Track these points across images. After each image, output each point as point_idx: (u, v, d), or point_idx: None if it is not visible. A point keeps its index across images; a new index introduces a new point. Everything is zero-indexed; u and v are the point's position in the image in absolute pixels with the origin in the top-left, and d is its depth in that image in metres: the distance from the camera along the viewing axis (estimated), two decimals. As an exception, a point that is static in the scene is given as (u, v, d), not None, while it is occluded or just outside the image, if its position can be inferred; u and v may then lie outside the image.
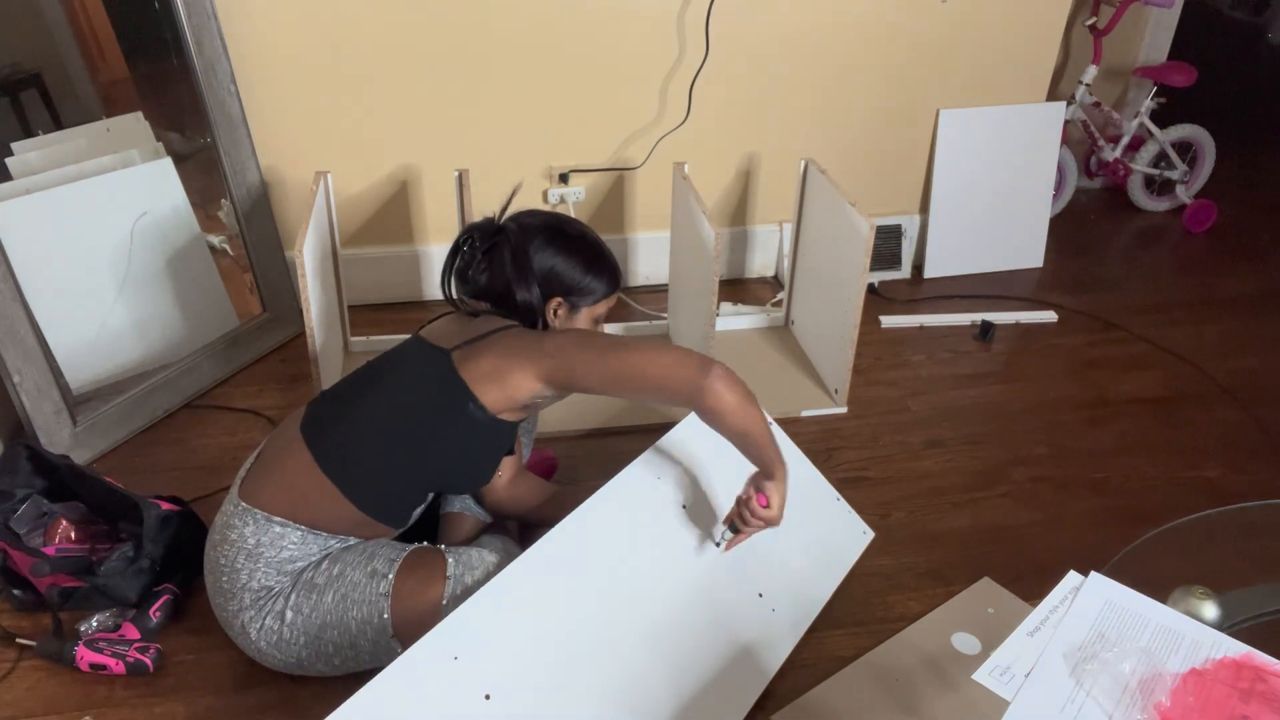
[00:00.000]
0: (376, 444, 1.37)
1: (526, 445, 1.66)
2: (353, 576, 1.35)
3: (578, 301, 1.50)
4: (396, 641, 1.33)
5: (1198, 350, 2.37)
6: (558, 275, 1.47)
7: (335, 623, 1.33)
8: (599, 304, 1.52)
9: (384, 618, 1.33)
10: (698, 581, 1.46)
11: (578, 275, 1.48)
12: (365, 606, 1.33)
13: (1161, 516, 1.34)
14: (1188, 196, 3.04)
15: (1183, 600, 1.04)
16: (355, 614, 1.33)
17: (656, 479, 1.53)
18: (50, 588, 1.50)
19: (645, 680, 1.33)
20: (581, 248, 1.49)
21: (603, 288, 1.51)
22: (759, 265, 2.67)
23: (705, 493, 1.56)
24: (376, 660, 1.35)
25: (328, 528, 1.36)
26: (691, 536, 1.50)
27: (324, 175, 2.07)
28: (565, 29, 2.21)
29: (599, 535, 1.41)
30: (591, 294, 1.50)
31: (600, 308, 1.53)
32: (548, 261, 1.46)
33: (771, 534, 1.51)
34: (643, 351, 1.34)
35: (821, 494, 1.73)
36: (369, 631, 1.33)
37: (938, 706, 1.41)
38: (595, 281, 1.50)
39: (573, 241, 1.49)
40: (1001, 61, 2.48)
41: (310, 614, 1.33)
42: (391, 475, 1.38)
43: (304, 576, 1.35)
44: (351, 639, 1.34)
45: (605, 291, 1.52)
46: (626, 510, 1.46)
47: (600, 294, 1.51)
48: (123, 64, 2.04)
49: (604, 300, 1.53)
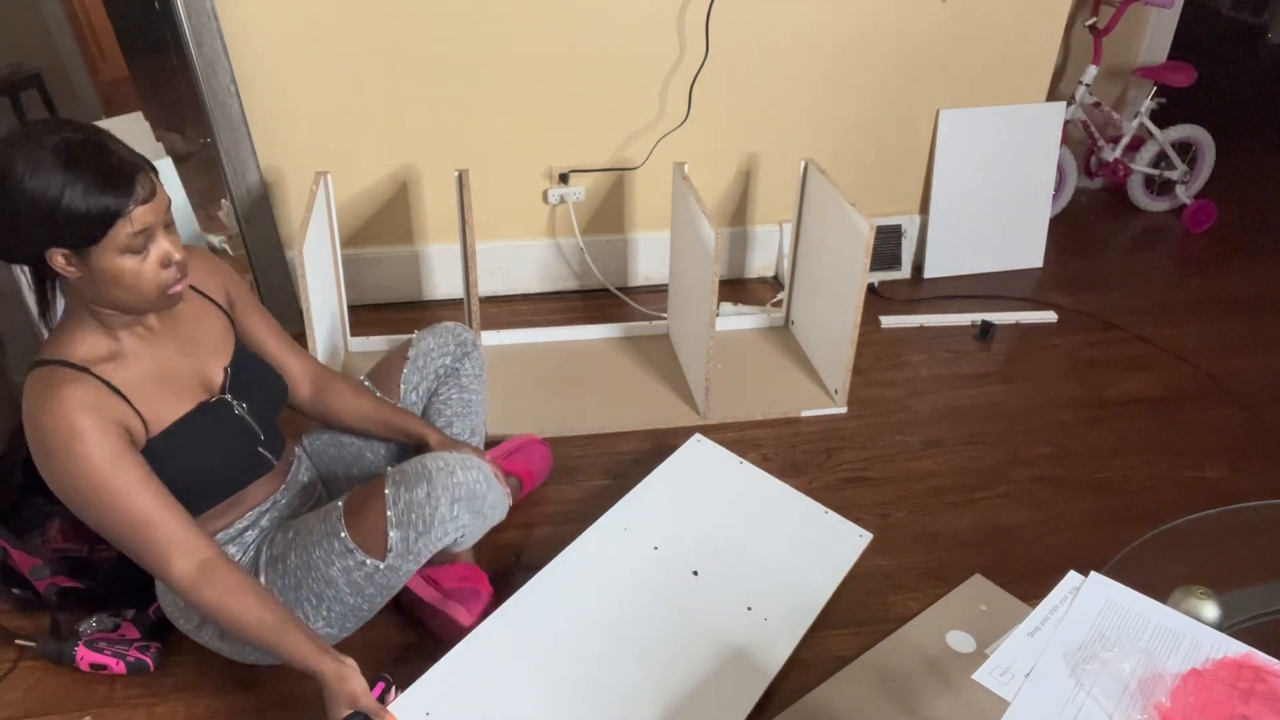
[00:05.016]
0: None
1: (468, 429, 1.65)
2: (306, 526, 1.38)
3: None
4: (362, 552, 1.34)
5: (1198, 350, 2.37)
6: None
7: (305, 571, 1.34)
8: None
9: (342, 536, 1.34)
10: (677, 605, 1.53)
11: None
12: (325, 541, 1.35)
13: (1161, 516, 1.33)
14: (1188, 196, 3.04)
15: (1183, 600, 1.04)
16: (318, 553, 1.34)
17: (624, 530, 1.65)
18: (49, 588, 1.50)
19: (635, 698, 1.38)
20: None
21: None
22: (759, 265, 2.67)
23: (673, 534, 1.66)
24: (359, 593, 1.36)
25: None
26: (665, 571, 1.58)
27: (324, 175, 2.07)
28: (565, 29, 2.21)
29: (577, 580, 1.54)
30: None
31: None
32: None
33: (758, 550, 1.63)
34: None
35: (806, 511, 1.76)
36: (335, 561, 1.34)
37: (938, 706, 1.41)
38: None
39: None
40: (1001, 61, 2.48)
41: (283, 583, 1.35)
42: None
43: (263, 557, 1.37)
44: (325, 576, 1.34)
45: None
46: (601, 556, 1.59)
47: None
48: (123, 64, 2.04)
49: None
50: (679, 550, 1.63)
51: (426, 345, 1.65)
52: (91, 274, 1.15)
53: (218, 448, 1.33)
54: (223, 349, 1.39)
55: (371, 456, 1.60)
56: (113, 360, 1.23)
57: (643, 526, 1.66)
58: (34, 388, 1.18)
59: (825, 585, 1.60)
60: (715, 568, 1.60)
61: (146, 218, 1.13)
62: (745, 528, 1.69)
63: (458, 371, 1.66)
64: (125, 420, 1.21)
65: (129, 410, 1.22)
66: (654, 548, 1.62)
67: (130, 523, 1.18)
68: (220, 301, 1.41)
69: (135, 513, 1.18)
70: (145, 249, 1.15)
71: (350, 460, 1.60)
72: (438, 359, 1.64)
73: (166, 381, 1.28)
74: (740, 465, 1.83)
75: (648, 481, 1.75)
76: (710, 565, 1.60)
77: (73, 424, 1.15)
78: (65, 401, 1.15)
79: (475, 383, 1.68)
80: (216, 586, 1.20)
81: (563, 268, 2.55)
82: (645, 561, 1.60)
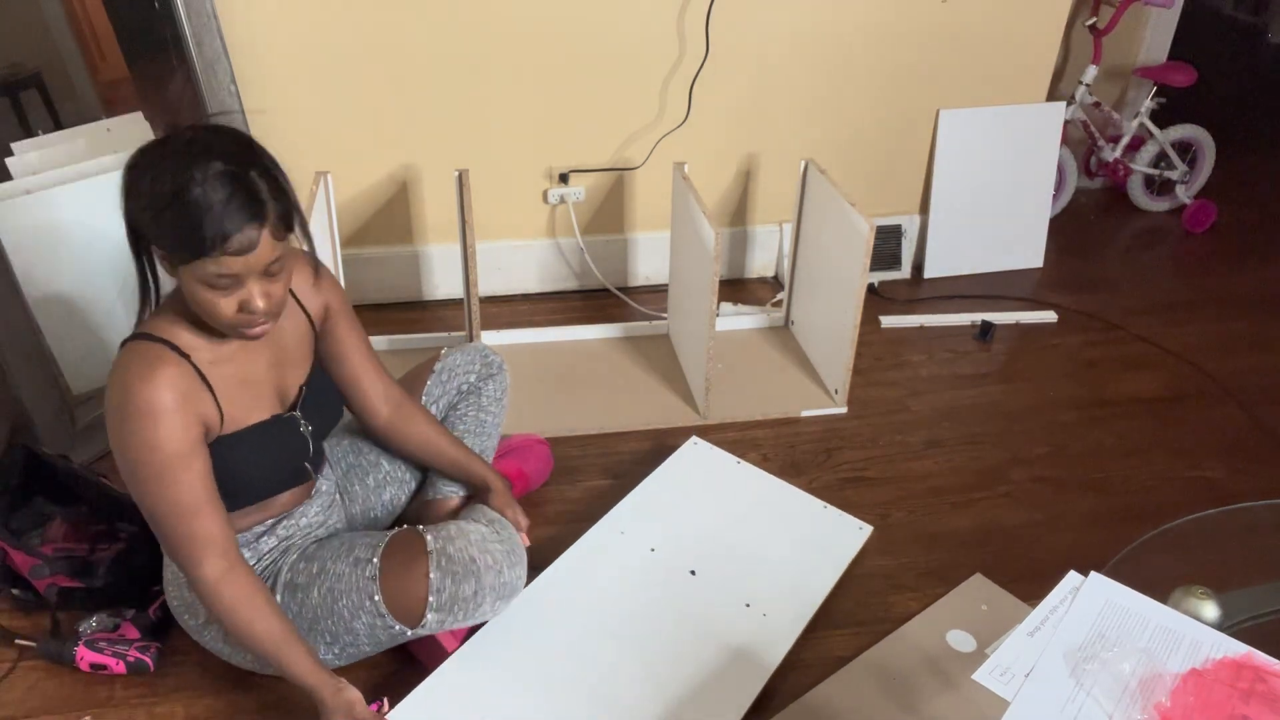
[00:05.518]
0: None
1: (481, 442, 1.66)
2: (335, 569, 1.35)
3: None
4: (393, 618, 1.33)
5: (1198, 350, 2.37)
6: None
7: (326, 614, 1.34)
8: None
9: (375, 599, 1.33)
10: (675, 605, 1.54)
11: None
12: (354, 594, 1.33)
13: (1161, 516, 1.33)
14: (1188, 196, 3.04)
15: (1183, 600, 1.04)
16: (345, 603, 1.33)
17: (620, 534, 1.66)
18: (49, 587, 1.50)
19: (635, 698, 1.38)
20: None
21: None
22: (759, 265, 2.67)
23: (669, 535, 1.66)
24: (377, 644, 1.36)
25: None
26: (663, 572, 1.59)
27: (324, 175, 2.07)
28: (565, 29, 2.21)
29: (573, 585, 1.55)
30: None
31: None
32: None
33: (756, 548, 1.63)
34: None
35: (805, 507, 1.76)
36: (363, 616, 1.33)
37: (938, 705, 1.41)
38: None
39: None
40: (1001, 61, 2.48)
41: (299, 611, 1.34)
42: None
43: (282, 579, 1.36)
44: (347, 625, 1.34)
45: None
46: (597, 561, 1.60)
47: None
48: (123, 64, 2.04)
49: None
50: (676, 551, 1.63)
51: (453, 361, 1.65)
52: (180, 281, 1.17)
53: (274, 459, 1.35)
54: (303, 364, 1.40)
55: (388, 467, 1.60)
56: (210, 353, 1.25)
57: (639, 530, 1.66)
58: (132, 357, 1.19)
59: (826, 579, 1.60)
60: (713, 566, 1.60)
61: (233, 266, 1.12)
62: (743, 526, 1.69)
63: (479, 390, 1.66)
64: (207, 414, 1.23)
65: (213, 405, 1.24)
66: (650, 549, 1.63)
67: (179, 512, 1.20)
68: (314, 314, 1.41)
69: (186, 504, 1.20)
70: (228, 289, 1.15)
71: (366, 468, 1.59)
72: (461, 376, 1.65)
73: (250, 386, 1.30)
74: (738, 465, 1.83)
75: (644, 485, 1.75)
76: (708, 564, 1.61)
77: (162, 403, 1.17)
78: (160, 380, 1.17)
79: (494, 405, 1.68)
80: (236, 590, 1.22)
81: (563, 268, 2.55)
82: (642, 563, 1.60)
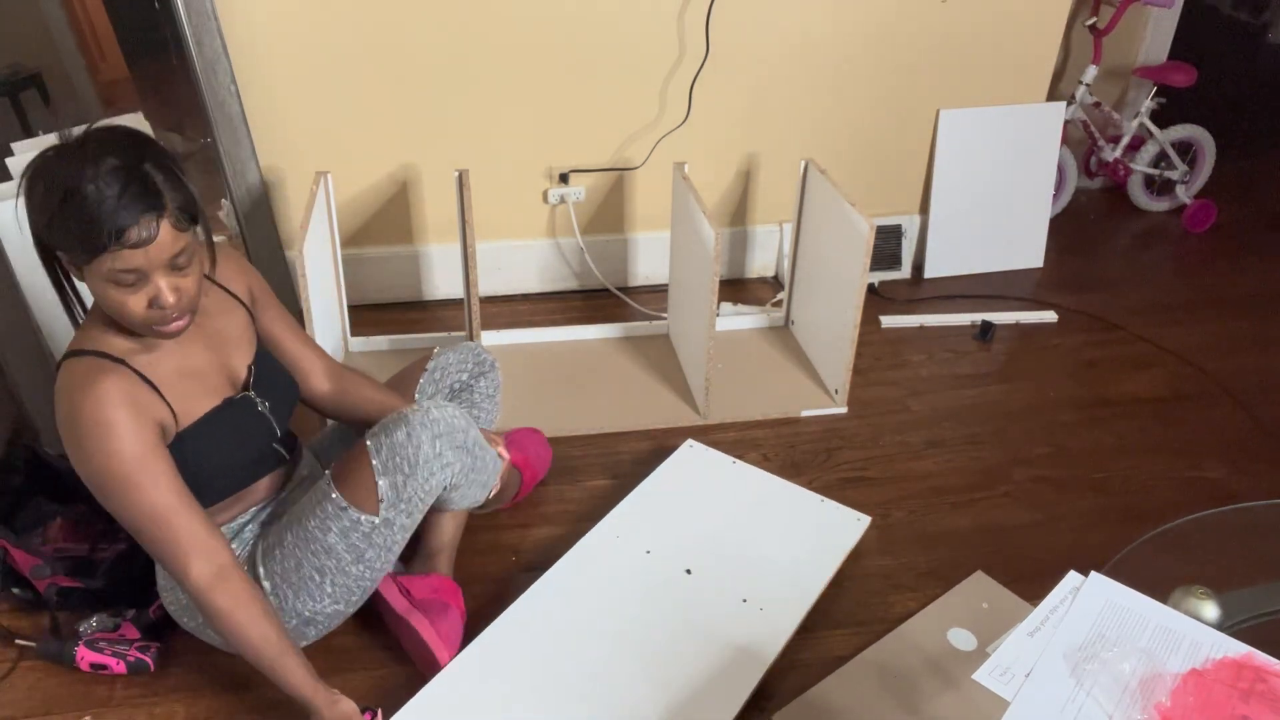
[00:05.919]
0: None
1: (486, 416, 1.69)
2: (297, 508, 1.38)
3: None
4: (355, 509, 1.33)
5: (1198, 350, 2.37)
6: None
7: (303, 547, 1.34)
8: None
9: (334, 496, 1.34)
10: (672, 603, 1.54)
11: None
12: (317, 509, 1.35)
13: (1161, 516, 1.34)
14: (1188, 196, 3.04)
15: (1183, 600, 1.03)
16: (313, 523, 1.34)
17: (616, 537, 1.65)
18: (49, 587, 1.50)
19: (635, 698, 1.38)
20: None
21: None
22: (759, 265, 2.67)
23: (665, 536, 1.66)
24: (360, 558, 1.36)
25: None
26: (659, 572, 1.59)
27: (324, 175, 2.07)
28: (565, 29, 2.21)
29: (570, 589, 1.55)
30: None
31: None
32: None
33: (753, 544, 1.64)
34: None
35: (802, 502, 1.76)
36: (331, 526, 1.34)
37: (938, 704, 1.41)
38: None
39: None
40: (1001, 61, 2.48)
41: (282, 569, 1.35)
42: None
43: (259, 550, 1.38)
44: (323, 545, 1.34)
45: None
46: (593, 564, 1.60)
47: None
48: (123, 64, 2.04)
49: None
50: (672, 551, 1.63)
51: (446, 360, 1.67)
52: (90, 285, 1.15)
53: (240, 443, 1.34)
54: (246, 345, 1.40)
55: None
56: (146, 353, 1.24)
57: (634, 532, 1.66)
58: (71, 377, 1.18)
59: (824, 571, 1.60)
60: (708, 564, 1.60)
61: (135, 260, 1.10)
62: (739, 523, 1.70)
63: (471, 388, 1.68)
64: (158, 413, 1.22)
65: (161, 403, 1.23)
66: (646, 551, 1.63)
67: (153, 518, 1.20)
68: (243, 298, 1.42)
69: (160, 507, 1.19)
70: (134, 285, 1.13)
71: None
72: (454, 374, 1.67)
73: (195, 376, 1.29)
74: (734, 465, 1.83)
75: (641, 488, 1.76)
76: (703, 562, 1.61)
77: (109, 416, 1.16)
78: (103, 393, 1.16)
79: (487, 402, 1.70)
80: (229, 594, 1.22)
81: (563, 268, 2.55)
82: (638, 564, 1.60)
